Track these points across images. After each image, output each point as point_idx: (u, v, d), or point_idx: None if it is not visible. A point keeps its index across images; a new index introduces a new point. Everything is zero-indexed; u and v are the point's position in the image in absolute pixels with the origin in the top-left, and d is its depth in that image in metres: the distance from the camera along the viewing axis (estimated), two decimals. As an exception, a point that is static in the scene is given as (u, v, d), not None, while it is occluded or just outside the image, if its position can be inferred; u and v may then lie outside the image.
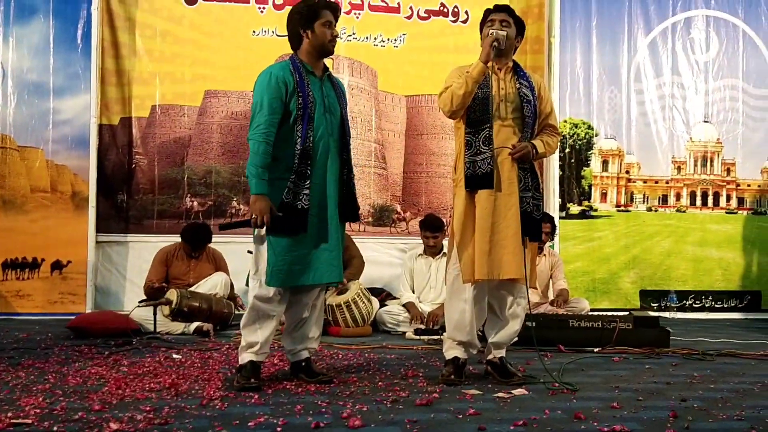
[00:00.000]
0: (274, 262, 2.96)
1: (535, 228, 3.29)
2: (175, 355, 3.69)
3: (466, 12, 6.22)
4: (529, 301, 3.37)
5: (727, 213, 6.49)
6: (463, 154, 3.28)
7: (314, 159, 2.99)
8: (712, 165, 6.45)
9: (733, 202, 6.49)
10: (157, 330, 4.44)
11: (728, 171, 6.47)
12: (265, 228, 2.92)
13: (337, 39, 3.14)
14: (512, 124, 3.27)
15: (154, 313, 4.45)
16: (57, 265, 5.46)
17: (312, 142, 2.98)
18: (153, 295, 4.65)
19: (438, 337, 4.37)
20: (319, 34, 3.04)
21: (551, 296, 5.10)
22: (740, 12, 6.43)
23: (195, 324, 4.56)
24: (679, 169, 6.43)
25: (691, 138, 6.42)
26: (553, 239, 5.16)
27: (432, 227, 4.99)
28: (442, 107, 3.29)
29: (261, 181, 2.93)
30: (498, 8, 3.39)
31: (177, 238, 5.11)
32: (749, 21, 6.44)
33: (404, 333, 4.71)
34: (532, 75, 3.46)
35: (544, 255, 5.08)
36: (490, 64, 3.21)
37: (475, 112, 3.26)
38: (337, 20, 3.11)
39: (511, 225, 3.20)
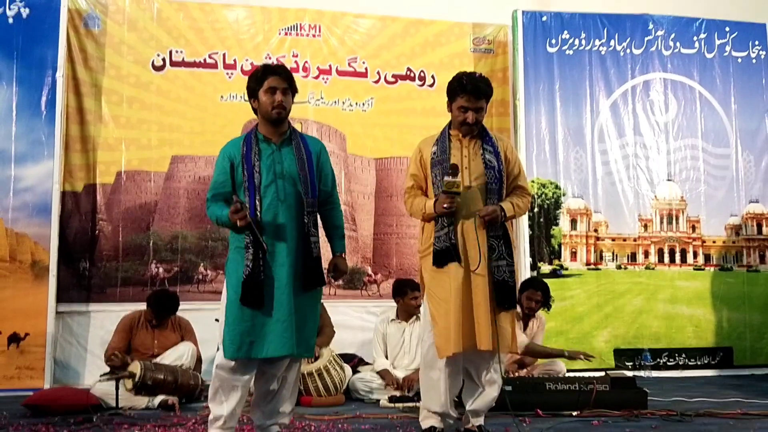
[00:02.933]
0: (227, 332, 2.90)
1: (511, 296, 3.26)
2: (137, 433, 3.52)
3: (433, 76, 6.34)
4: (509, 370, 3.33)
5: (694, 269, 6.55)
6: (432, 229, 3.29)
7: (263, 228, 2.94)
8: (677, 222, 6.55)
9: (700, 259, 6.57)
10: (120, 405, 4.23)
11: (693, 228, 6.58)
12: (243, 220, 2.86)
13: (285, 102, 3.03)
14: (475, 191, 3.27)
15: (116, 388, 4.25)
16: (14, 338, 5.22)
17: (260, 211, 2.94)
18: (115, 365, 4.47)
19: (413, 404, 4.27)
20: (262, 102, 3.04)
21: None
22: (695, 75, 6.66)
23: (159, 398, 4.37)
24: (645, 226, 6.51)
25: (655, 196, 6.53)
26: (546, 307, 5.01)
27: (417, 287, 4.84)
28: (407, 211, 3.50)
29: (221, 217, 2.97)
30: (473, 89, 3.28)
31: (141, 306, 4.95)
32: (704, 83, 6.67)
33: (378, 401, 4.58)
34: (499, 138, 3.47)
35: (535, 318, 4.98)
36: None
37: (438, 189, 3.28)
38: (287, 81, 3.04)
39: (480, 294, 3.18)
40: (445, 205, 3.17)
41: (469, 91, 3.27)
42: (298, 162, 3.07)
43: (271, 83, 3.03)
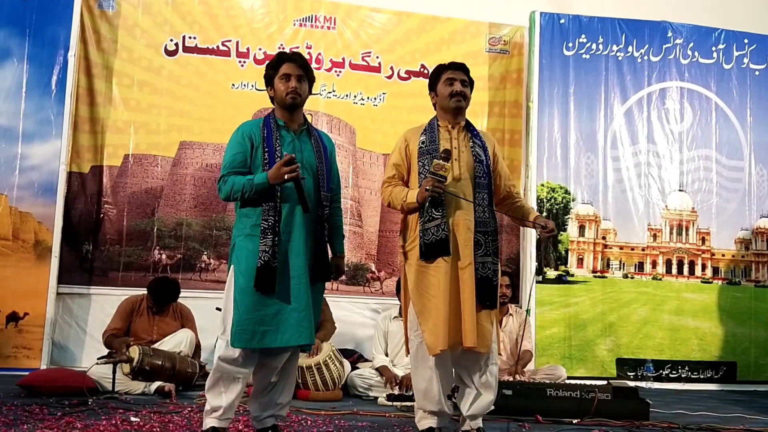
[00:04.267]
0: (238, 321, 2.84)
1: (493, 294, 3.19)
2: (133, 418, 3.47)
3: (446, 74, 6.26)
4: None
5: (702, 282, 6.49)
6: (415, 223, 3.20)
7: (281, 215, 2.90)
8: (687, 234, 6.49)
9: (708, 272, 6.50)
10: (116, 389, 4.20)
11: (703, 240, 6.51)
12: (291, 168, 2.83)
13: (299, 88, 3.01)
14: (465, 184, 3.21)
15: (113, 371, 4.22)
16: (13, 317, 5.19)
17: (279, 197, 2.89)
18: (113, 346, 4.44)
19: (411, 403, 4.21)
20: (277, 89, 3.04)
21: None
22: (712, 85, 6.59)
23: (156, 384, 4.33)
24: (655, 236, 6.44)
25: (666, 206, 6.46)
26: (512, 297, 5.09)
27: None
28: (384, 202, 3.35)
29: (254, 179, 2.88)
30: (454, 65, 3.37)
31: (142, 291, 4.92)
32: (721, 94, 6.60)
33: (376, 398, 4.54)
34: (485, 134, 3.44)
35: (511, 315, 5.00)
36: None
37: (425, 177, 3.19)
38: (302, 68, 3.05)
39: (467, 291, 3.11)
40: (428, 187, 3.05)
41: (452, 66, 3.36)
42: (316, 154, 3.06)
43: (286, 70, 3.03)
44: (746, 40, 6.66)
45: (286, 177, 2.81)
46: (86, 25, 5.62)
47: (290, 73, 3.02)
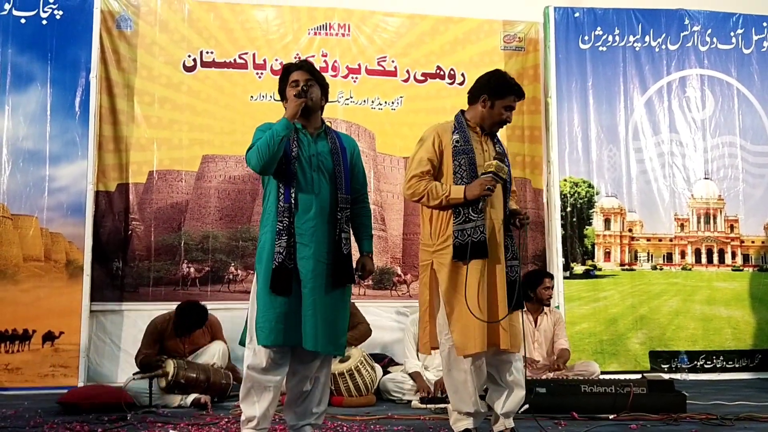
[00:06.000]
0: (258, 320, 2.89)
1: (520, 295, 3.24)
2: (171, 431, 3.52)
3: (462, 74, 6.28)
4: (526, 365, 3.33)
5: (733, 270, 6.40)
6: (446, 222, 3.19)
7: (295, 217, 2.93)
8: (715, 222, 6.41)
9: (739, 259, 6.41)
10: (153, 403, 4.25)
11: (731, 228, 6.42)
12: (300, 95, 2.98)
13: (310, 92, 3.05)
14: (498, 188, 3.23)
15: (150, 386, 4.27)
16: (49, 337, 5.28)
17: (295, 199, 2.93)
18: (148, 367, 4.49)
19: (445, 405, 4.21)
20: (288, 97, 3.07)
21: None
22: (733, 71, 6.51)
23: (192, 396, 4.39)
24: (682, 226, 6.38)
25: (692, 195, 6.39)
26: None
27: None
28: (410, 196, 3.25)
29: (274, 125, 2.92)
30: (520, 91, 3.31)
31: (173, 306, 4.96)
32: (742, 79, 6.51)
33: (410, 402, 4.54)
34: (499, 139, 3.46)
35: (546, 314, 5.01)
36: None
37: (462, 179, 3.19)
38: (309, 73, 3.08)
39: (501, 293, 3.15)
40: (489, 186, 3.10)
41: (517, 92, 3.31)
42: (333, 157, 3.07)
43: (294, 77, 3.07)
44: (765, 24, 6.57)
45: (294, 102, 2.92)
46: (106, 46, 5.71)
47: (298, 79, 3.06)
